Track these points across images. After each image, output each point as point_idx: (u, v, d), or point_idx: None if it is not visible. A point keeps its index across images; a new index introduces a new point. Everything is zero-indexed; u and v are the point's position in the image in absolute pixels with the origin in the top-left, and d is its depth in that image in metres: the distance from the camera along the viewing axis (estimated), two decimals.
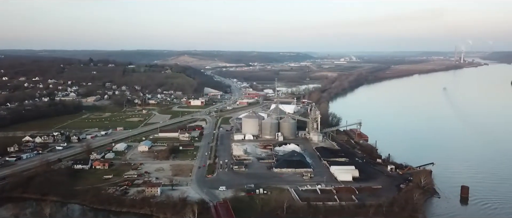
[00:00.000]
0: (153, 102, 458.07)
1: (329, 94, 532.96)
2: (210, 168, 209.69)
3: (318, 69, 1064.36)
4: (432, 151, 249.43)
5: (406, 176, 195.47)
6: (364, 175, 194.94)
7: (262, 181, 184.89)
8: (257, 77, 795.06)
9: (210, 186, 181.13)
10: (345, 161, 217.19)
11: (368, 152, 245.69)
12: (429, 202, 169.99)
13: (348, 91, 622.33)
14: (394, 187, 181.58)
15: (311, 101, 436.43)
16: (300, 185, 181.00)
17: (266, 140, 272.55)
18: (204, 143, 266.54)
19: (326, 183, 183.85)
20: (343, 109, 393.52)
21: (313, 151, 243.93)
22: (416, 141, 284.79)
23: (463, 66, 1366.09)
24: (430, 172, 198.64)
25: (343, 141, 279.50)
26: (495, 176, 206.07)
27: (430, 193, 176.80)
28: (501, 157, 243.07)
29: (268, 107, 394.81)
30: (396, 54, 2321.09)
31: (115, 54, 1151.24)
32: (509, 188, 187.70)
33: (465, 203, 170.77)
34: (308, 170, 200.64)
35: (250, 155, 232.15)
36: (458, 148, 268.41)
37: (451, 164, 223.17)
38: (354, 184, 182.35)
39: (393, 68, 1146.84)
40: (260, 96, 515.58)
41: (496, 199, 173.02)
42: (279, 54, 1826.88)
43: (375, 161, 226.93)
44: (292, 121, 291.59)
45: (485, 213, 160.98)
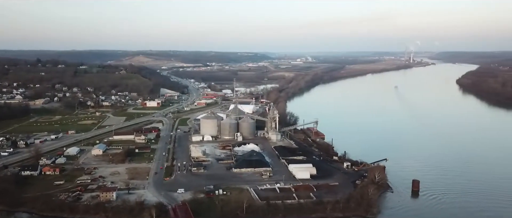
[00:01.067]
0: (107, 104, 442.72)
1: (287, 94, 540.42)
2: (168, 170, 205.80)
3: (275, 70, 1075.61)
4: (385, 147, 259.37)
5: (361, 172, 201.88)
6: (322, 172, 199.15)
7: (221, 182, 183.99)
8: (215, 78, 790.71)
9: (168, 188, 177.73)
10: (303, 159, 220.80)
11: (325, 150, 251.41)
12: (383, 197, 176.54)
13: (304, 91, 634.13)
14: (350, 183, 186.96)
15: (270, 101, 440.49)
16: (259, 185, 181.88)
17: (225, 141, 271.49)
18: (161, 145, 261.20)
19: (285, 181, 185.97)
20: (301, 108, 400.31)
21: (272, 150, 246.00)
22: (370, 138, 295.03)
23: (413, 66, 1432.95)
24: (384, 167, 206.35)
25: (300, 139, 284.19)
26: (443, 169, 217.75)
27: (384, 188, 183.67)
28: (447, 151, 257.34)
29: (227, 107, 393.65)
30: (350, 54, 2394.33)
31: (66, 55, 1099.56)
32: (455, 180, 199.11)
33: (416, 196, 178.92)
34: (267, 169, 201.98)
35: (209, 156, 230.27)
36: (409, 143, 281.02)
37: (403, 159, 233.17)
38: (312, 182, 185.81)
39: (348, 68, 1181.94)
40: (218, 97, 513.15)
41: (443, 191, 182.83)
42: (237, 54, 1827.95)
43: (331, 158, 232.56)
44: (251, 120, 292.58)
45: (434, 205, 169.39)
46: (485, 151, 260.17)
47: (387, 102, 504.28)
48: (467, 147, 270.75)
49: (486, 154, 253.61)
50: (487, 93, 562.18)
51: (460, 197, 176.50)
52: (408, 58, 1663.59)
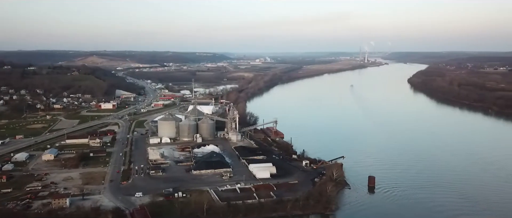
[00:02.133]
0: (59, 106, 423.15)
1: (246, 94, 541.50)
2: (125, 174, 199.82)
3: (235, 70, 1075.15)
4: (342, 145, 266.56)
5: (320, 170, 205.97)
6: (282, 171, 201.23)
7: (181, 184, 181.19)
8: (173, 78, 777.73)
9: (125, 193, 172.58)
10: (263, 158, 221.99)
11: (284, 149, 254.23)
12: (341, 193, 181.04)
13: (264, 91, 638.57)
14: (309, 181, 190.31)
15: (229, 101, 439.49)
16: (219, 186, 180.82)
17: (184, 142, 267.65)
18: (118, 148, 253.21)
19: (245, 181, 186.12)
20: (260, 108, 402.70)
21: (232, 151, 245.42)
22: (328, 136, 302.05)
23: (367, 66, 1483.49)
24: (341, 165, 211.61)
25: (260, 139, 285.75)
26: (396, 164, 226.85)
27: (341, 185, 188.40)
28: (400, 147, 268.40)
29: (185, 108, 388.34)
30: (308, 55, 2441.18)
31: (12, 55, 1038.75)
32: (407, 174, 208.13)
33: (372, 192, 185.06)
34: (227, 170, 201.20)
35: (167, 159, 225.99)
36: (365, 141, 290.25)
37: (359, 156, 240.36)
38: (272, 181, 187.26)
39: (305, 68, 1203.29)
40: (176, 98, 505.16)
41: (397, 185, 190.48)
42: (195, 54, 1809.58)
43: (291, 157, 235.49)
44: (211, 121, 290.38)
45: (389, 199, 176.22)
46: (434, 146, 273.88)
47: (343, 101, 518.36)
48: (418, 142, 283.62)
49: (435, 148, 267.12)
50: (436, 92, 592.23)
51: (412, 190, 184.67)
52: (363, 58, 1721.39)
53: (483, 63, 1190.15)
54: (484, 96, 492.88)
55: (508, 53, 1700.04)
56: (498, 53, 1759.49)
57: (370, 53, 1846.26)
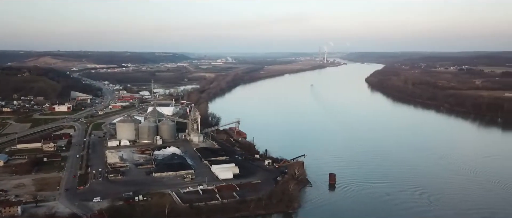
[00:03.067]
0: (8, 110, 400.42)
1: (208, 95, 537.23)
2: (82, 178, 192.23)
3: (195, 70, 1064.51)
4: (304, 143, 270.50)
5: (282, 169, 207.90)
6: (244, 171, 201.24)
7: (141, 188, 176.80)
8: (131, 79, 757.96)
9: (82, 198, 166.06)
10: (225, 159, 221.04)
11: (247, 149, 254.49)
12: (303, 191, 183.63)
13: (226, 91, 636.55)
14: (271, 180, 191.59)
15: (190, 102, 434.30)
16: (181, 188, 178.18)
17: (144, 145, 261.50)
18: (74, 152, 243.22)
19: (208, 182, 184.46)
20: (222, 109, 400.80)
21: (194, 152, 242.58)
22: (290, 135, 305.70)
23: (326, 66, 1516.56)
24: (303, 163, 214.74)
25: (223, 139, 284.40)
26: (356, 161, 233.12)
27: (303, 183, 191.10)
28: (360, 144, 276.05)
29: (145, 110, 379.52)
30: (269, 55, 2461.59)
31: None
32: (366, 171, 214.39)
33: (332, 189, 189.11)
34: (189, 172, 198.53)
35: (127, 162, 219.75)
36: (325, 139, 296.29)
37: (320, 154, 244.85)
38: (235, 181, 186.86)
39: (267, 69, 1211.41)
40: (135, 99, 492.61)
41: (357, 182, 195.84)
42: (154, 54, 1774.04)
43: (253, 157, 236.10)
44: (171, 123, 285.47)
45: (348, 195, 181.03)
46: (390, 142, 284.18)
47: (304, 101, 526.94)
48: (376, 139, 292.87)
49: (392, 145, 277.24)
50: (392, 90, 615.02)
51: (370, 185, 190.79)
52: (322, 58, 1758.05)
53: (435, 63, 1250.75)
54: (436, 94, 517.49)
55: (458, 53, 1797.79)
56: (449, 53, 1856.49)
57: (329, 54, 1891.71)
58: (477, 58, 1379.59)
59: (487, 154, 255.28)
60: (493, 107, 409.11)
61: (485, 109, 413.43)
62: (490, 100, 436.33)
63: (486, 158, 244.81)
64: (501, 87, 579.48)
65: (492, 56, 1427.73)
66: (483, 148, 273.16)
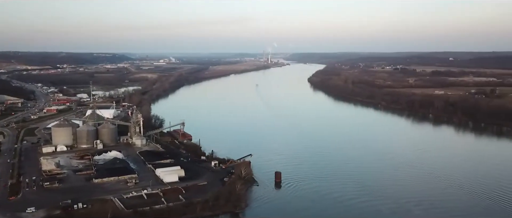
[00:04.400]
0: None
1: (151, 96, 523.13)
2: (13, 188, 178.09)
3: (137, 71, 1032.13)
4: (250, 143, 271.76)
5: (229, 169, 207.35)
6: (190, 173, 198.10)
7: (81, 195, 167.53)
8: (68, 81, 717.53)
9: (15, 209, 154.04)
10: (170, 162, 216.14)
11: (193, 151, 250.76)
12: (250, 191, 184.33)
13: (169, 92, 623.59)
14: (218, 181, 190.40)
15: (132, 104, 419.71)
16: (124, 193, 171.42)
17: (83, 150, 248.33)
18: (3, 161, 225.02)
19: (152, 186, 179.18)
20: (166, 110, 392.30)
21: (137, 156, 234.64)
22: (236, 135, 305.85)
23: (271, 66, 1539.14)
24: (249, 163, 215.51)
25: (167, 142, 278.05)
26: (301, 159, 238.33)
27: (250, 182, 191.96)
28: (305, 142, 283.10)
29: (83, 113, 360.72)
30: (214, 55, 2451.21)
31: None
32: (311, 168, 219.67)
33: (278, 187, 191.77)
34: (132, 176, 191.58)
35: (64, 168, 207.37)
36: (271, 138, 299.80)
37: (266, 153, 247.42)
38: (181, 184, 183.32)
39: (212, 69, 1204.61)
40: (73, 102, 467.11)
41: (302, 179, 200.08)
42: (92, 55, 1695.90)
43: (199, 158, 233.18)
44: (112, 126, 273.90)
45: (294, 192, 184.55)
46: (334, 140, 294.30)
47: (250, 101, 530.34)
48: (320, 137, 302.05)
49: (335, 142, 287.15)
50: (333, 89, 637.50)
51: (315, 182, 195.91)
52: (267, 59, 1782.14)
53: (372, 63, 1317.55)
54: (374, 93, 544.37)
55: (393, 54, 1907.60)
56: (385, 54, 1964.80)
57: (273, 54, 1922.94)
58: (410, 58, 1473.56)
59: (420, 148, 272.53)
60: (425, 104, 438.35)
61: (418, 105, 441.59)
62: (422, 97, 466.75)
63: (420, 152, 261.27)
64: (431, 85, 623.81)
65: (423, 57, 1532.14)
66: (417, 143, 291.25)
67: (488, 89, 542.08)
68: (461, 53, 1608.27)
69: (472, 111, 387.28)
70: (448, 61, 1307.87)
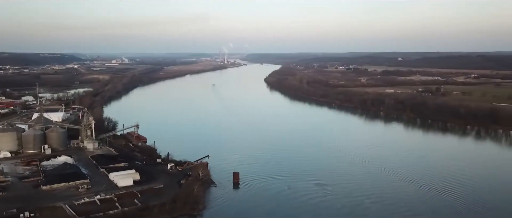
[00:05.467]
0: None
1: (103, 98, 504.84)
2: None
3: (88, 72, 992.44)
4: (207, 144, 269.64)
5: (186, 171, 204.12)
6: (146, 177, 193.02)
7: (27, 203, 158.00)
8: (11, 83, 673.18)
9: None
10: (124, 165, 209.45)
11: (148, 153, 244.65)
12: (207, 192, 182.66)
13: (123, 94, 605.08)
14: (175, 184, 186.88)
15: (83, 106, 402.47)
16: (76, 199, 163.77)
17: (29, 155, 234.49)
18: None
19: (106, 191, 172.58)
20: (120, 112, 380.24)
21: (89, 160, 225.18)
22: (192, 137, 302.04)
23: (227, 66, 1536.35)
24: (207, 164, 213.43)
25: (121, 145, 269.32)
26: (259, 158, 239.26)
27: (208, 184, 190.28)
28: (262, 141, 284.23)
29: (29, 117, 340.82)
30: (168, 55, 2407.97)
31: None
32: (268, 167, 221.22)
33: (237, 187, 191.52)
34: (84, 182, 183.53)
35: (8, 176, 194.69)
36: (229, 138, 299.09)
37: (224, 153, 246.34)
38: (136, 188, 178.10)
39: (166, 70, 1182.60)
40: (17, 105, 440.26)
41: (260, 179, 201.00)
42: (39, 55, 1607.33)
43: (155, 161, 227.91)
44: (62, 130, 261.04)
45: (252, 191, 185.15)
46: (290, 138, 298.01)
47: (207, 101, 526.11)
48: (277, 136, 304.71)
49: (292, 140, 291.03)
50: (289, 89, 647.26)
51: (272, 181, 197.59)
52: (223, 59, 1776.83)
53: (326, 63, 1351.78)
54: (328, 92, 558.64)
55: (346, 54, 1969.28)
56: (338, 54, 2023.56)
57: (229, 55, 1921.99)
58: (362, 58, 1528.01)
59: (373, 144, 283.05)
60: (376, 102, 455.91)
61: (370, 104, 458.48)
62: (373, 96, 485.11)
63: (372, 148, 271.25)
64: (382, 84, 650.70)
65: (374, 57, 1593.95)
66: (370, 139, 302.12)
67: (433, 88, 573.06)
68: (408, 54, 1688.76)
69: (420, 108, 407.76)
70: (397, 61, 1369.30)
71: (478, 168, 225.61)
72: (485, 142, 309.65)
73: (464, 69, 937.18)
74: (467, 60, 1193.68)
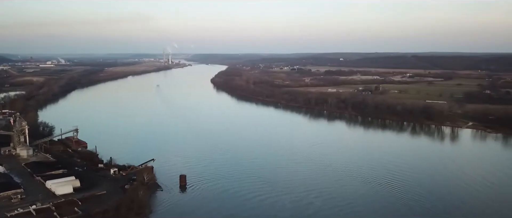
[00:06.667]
0: None
1: (38, 102, 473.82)
2: None
3: (20, 74, 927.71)
4: (152, 147, 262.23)
5: (130, 176, 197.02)
6: (87, 183, 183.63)
7: None
8: None
9: None
10: (63, 172, 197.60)
11: (89, 159, 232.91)
12: (153, 197, 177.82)
13: (60, 96, 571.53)
14: (119, 189, 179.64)
15: (15, 111, 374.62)
16: (8, 211, 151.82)
17: None
18: None
19: (42, 201, 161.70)
20: (57, 117, 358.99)
21: (22, 168, 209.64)
22: (137, 140, 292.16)
23: (172, 67, 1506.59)
24: (152, 168, 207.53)
25: (59, 151, 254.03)
26: (206, 160, 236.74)
27: (154, 188, 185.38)
28: (210, 142, 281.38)
29: None
30: (109, 56, 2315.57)
31: None
32: (216, 168, 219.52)
33: (184, 190, 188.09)
34: (17, 191, 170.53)
35: None
36: (175, 140, 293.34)
37: (171, 156, 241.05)
38: (76, 195, 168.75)
39: (107, 71, 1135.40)
40: None
41: (207, 180, 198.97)
42: None
43: (97, 167, 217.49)
44: None
45: (200, 194, 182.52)
46: (237, 138, 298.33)
47: (151, 103, 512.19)
48: (225, 136, 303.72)
49: (238, 140, 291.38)
50: (236, 90, 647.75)
51: (219, 182, 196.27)
52: (167, 59, 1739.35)
53: (272, 64, 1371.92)
54: (274, 92, 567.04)
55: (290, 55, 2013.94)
56: (283, 55, 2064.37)
57: (174, 55, 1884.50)
58: (306, 59, 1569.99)
59: (319, 142, 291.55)
60: (320, 101, 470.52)
61: (314, 103, 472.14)
62: (317, 95, 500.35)
63: (318, 145, 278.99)
64: (325, 84, 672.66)
65: (317, 57, 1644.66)
66: (316, 137, 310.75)
67: (373, 87, 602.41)
68: (350, 54, 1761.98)
69: (361, 106, 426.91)
70: (339, 62, 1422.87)
71: (416, 161, 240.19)
72: (420, 136, 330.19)
73: (400, 69, 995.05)
74: (402, 60, 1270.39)
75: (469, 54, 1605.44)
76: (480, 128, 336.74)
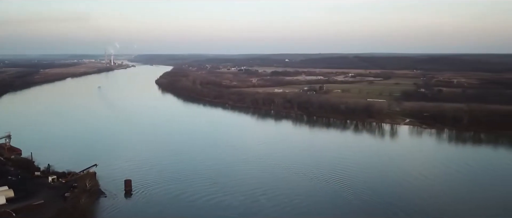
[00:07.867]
0: None
1: None
2: None
3: None
4: (94, 152, 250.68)
5: (71, 183, 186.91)
6: (22, 193, 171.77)
7: None
8: None
9: None
10: None
11: (24, 167, 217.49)
12: (96, 203, 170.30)
13: None
14: (59, 198, 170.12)
15: None
16: None
17: None
18: None
19: None
20: None
21: None
22: (77, 145, 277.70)
23: (114, 68, 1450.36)
24: (95, 173, 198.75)
25: None
26: (152, 163, 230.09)
27: (97, 194, 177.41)
28: (156, 146, 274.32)
29: None
30: (45, 57, 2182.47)
31: None
32: (162, 171, 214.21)
33: (129, 195, 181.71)
34: None
35: None
36: (119, 144, 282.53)
37: (114, 161, 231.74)
38: (10, 206, 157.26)
39: (43, 73, 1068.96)
40: None
41: (154, 184, 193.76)
42: None
43: (33, 175, 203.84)
44: None
45: (146, 199, 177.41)
46: (184, 140, 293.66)
47: (91, 105, 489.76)
48: (173, 139, 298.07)
49: (186, 142, 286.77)
50: (182, 91, 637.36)
51: (166, 186, 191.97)
52: (109, 60, 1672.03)
53: (218, 64, 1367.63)
54: (222, 93, 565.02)
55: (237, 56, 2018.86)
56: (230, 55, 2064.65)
57: (116, 56, 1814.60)
58: (252, 60, 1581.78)
59: (266, 141, 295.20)
60: (267, 101, 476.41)
61: (261, 103, 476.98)
62: (264, 95, 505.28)
63: (266, 144, 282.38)
64: (271, 84, 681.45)
65: (263, 58, 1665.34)
66: (263, 136, 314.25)
67: (317, 86, 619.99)
68: (294, 55, 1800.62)
69: (306, 105, 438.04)
70: (284, 62, 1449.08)
71: (360, 157, 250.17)
72: (362, 133, 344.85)
73: (343, 69, 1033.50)
74: (345, 60, 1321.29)
75: (406, 54, 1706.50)
76: (417, 124, 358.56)
